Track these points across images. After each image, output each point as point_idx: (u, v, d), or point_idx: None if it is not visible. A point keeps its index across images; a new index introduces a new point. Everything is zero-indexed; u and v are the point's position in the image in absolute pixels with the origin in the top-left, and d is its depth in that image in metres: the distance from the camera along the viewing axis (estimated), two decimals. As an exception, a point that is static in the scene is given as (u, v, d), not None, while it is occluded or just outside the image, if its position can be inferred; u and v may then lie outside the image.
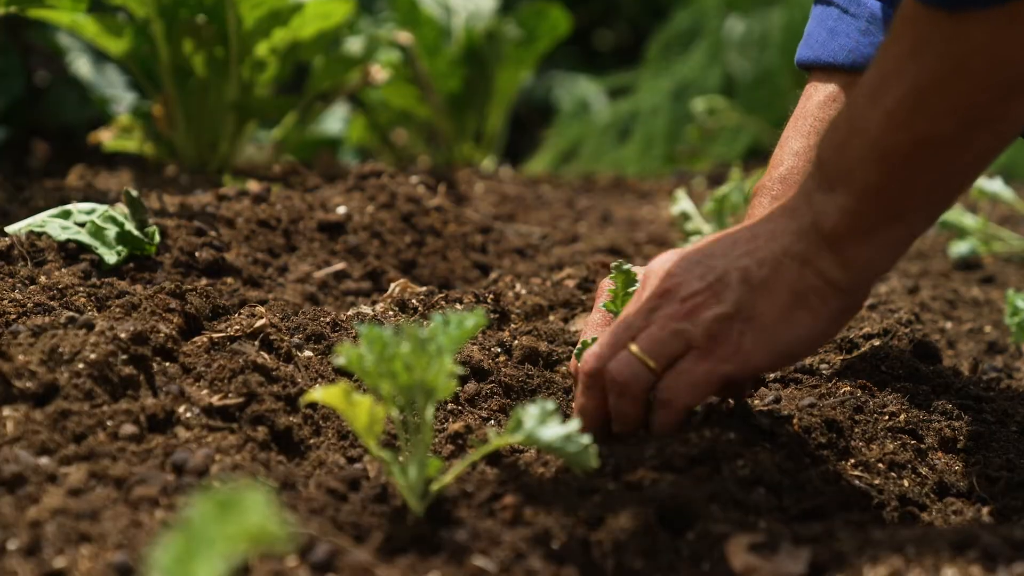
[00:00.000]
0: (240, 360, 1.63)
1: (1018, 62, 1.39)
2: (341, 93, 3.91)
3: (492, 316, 2.03)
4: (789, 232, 1.54)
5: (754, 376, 1.64)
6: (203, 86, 3.45)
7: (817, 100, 1.87)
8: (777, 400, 1.81)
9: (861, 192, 1.49)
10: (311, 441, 1.63)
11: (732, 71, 5.63)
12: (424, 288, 2.15)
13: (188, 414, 1.54)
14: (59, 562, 1.19)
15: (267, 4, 3.32)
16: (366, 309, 2.08)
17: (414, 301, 2.07)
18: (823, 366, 1.95)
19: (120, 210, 2.28)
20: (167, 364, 1.64)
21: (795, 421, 1.69)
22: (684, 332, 1.54)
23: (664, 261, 1.61)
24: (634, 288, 1.69)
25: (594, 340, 1.64)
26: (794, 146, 1.87)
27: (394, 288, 2.14)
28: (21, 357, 1.51)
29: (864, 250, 1.52)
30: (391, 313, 2.03)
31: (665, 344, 1.55)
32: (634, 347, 1.55)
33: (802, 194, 1.55)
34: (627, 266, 1.72)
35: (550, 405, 1.33)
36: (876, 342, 2.03)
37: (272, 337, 1.76)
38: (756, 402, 1.78)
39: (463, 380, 1.86)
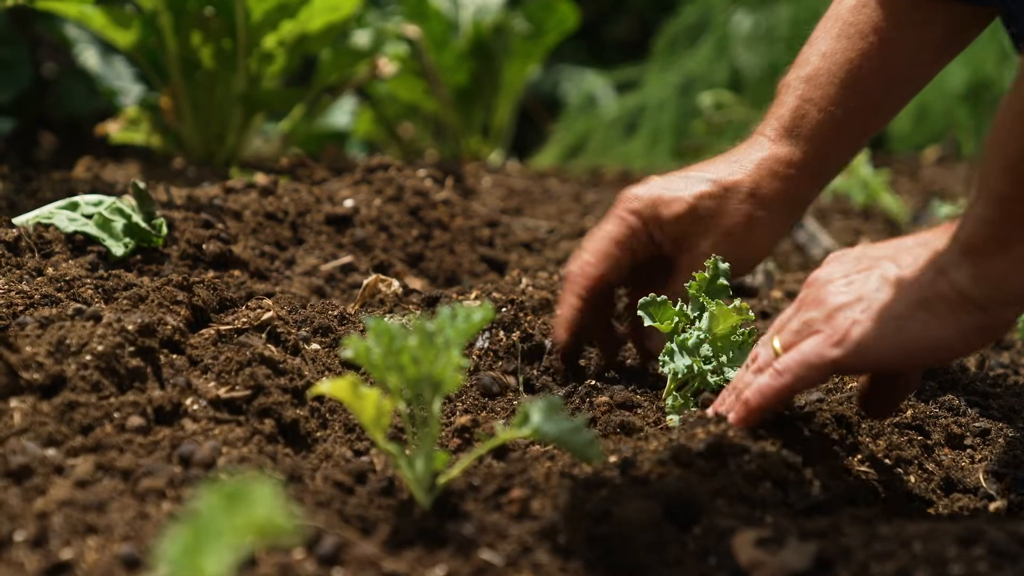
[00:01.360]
0: (247, 353, 1.63)
1: None
2: (349, 86, 3.91)
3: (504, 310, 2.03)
4: (942, 242, 1.52)
5: (876, 370, 1.60)
6: (211, 78, 3.45)
7: (848, 4, 1.85)
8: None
9: (995, 201, 1.45)
10: (318, 434, 1.63)
11: (739, 65, 5.63)
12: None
13: (195, 406, 1.54)
14: (66, 554, 1.19)
15: (275, -3, 3.32)
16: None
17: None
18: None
19: (127, 202, 2.28)
20: (174, 356, 1.64)
21: (802, 415, 1.69)
22: (811, 318, 1.56)
23: (831, 258, 1.63)
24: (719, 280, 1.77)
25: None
26: (821, 47, 1.86)
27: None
28: (28, 348, 1.51)
29: (997, 263, 1.46)
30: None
31: (796, 333, 1.57)
32: (776, 341, 1.59)
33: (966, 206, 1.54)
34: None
35: (557, 399, 1.33)
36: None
37: (279, 330, 1.76)
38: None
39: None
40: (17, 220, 2.21)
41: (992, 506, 1.62)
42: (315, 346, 1.83)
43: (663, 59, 5.90)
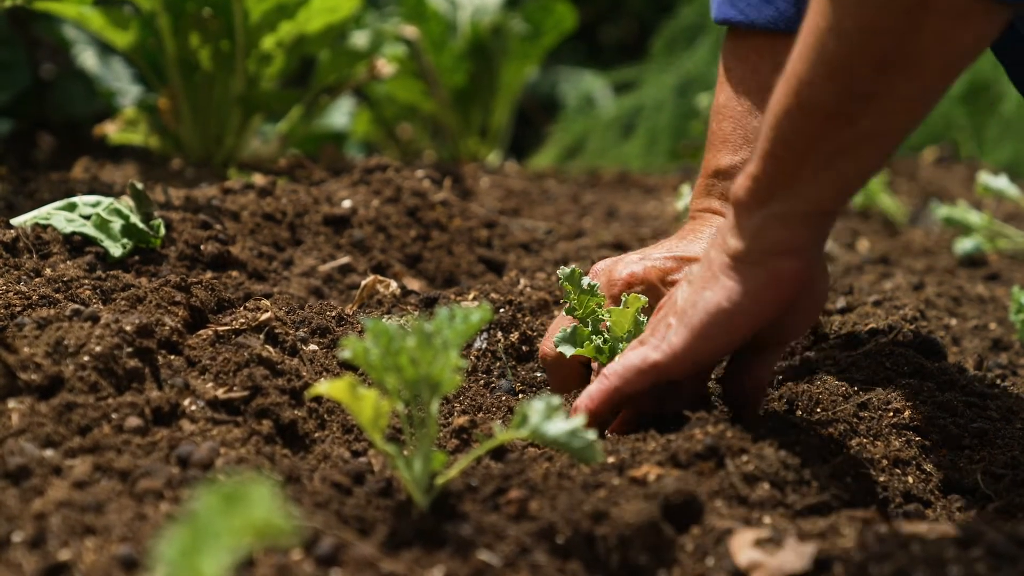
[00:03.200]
0: (245, 353, 1.63)
1: (888, 31, 1.34)
2: (347, 87, 3.91)
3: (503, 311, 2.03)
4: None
5: (688, 368, 1.58)
6: (209, 79, 3.45)
7: (767, 68, 1.83)
8: (781, 396, 1.81)
9: (760, 158, 1.50)
10: (316, 435, 1.63)
11: (737, 66, 5.62)
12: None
13: (193, 407, 1.54)
14: (64, 555, 1.19)
15: (273, -3, 3.32)
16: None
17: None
18: (828, 362, 1.95)
19: (125, 203, 2.28)
20: (172, 357, 1.64)
21: (799, 415, 1.70)
22: (644, 333, 1.62)
23: None
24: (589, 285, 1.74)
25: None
26: (752, 122, 1.86)
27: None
28: (26, 349, 1.51)
29: (756, 217, 1.51)
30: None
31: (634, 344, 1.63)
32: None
33: None
34: (570, 268, 1.75)
35: (555, 400, 1.33)
36: (881, 338, 2.03)
37: (277, 331, 1.76)
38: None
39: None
40: (15, 221, 2.21)
41: (990, 507, 1.62)
42: (313, 347, 1.83)
43: (661, 60, 5.90)
